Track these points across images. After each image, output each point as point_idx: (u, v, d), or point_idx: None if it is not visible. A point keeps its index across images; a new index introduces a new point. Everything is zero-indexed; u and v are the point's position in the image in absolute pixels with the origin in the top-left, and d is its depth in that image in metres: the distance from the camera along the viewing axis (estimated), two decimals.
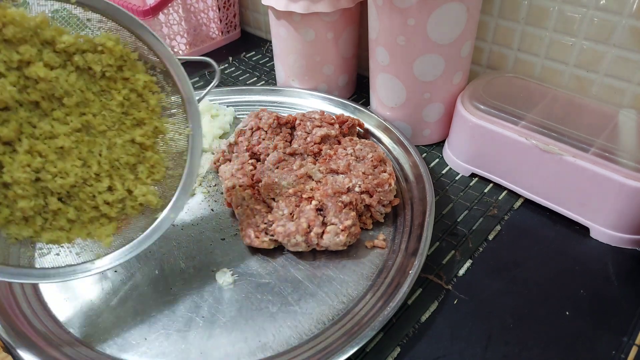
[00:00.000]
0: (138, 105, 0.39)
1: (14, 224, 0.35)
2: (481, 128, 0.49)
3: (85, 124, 0.37)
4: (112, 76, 0.37)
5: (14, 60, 0.33)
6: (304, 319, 0.39)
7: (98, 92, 0.37)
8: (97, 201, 0.38)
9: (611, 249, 0.44)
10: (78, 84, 0.36)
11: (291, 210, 0.44)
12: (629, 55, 0.49)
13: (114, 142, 0.38)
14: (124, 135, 0.38)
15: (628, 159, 0.42)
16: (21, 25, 0.33)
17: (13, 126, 0.34)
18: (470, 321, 0.39)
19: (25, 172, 0.34)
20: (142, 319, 0.40)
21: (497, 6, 0.55)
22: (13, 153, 0.34)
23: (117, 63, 0.37)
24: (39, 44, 0.34)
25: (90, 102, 0.37)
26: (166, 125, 0.40)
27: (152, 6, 0.69)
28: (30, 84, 0.34)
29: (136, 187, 0.39)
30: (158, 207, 0.41)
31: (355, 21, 0.62)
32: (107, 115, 0.38)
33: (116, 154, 0.38)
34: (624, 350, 0.36)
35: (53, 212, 0.37)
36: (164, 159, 0.41)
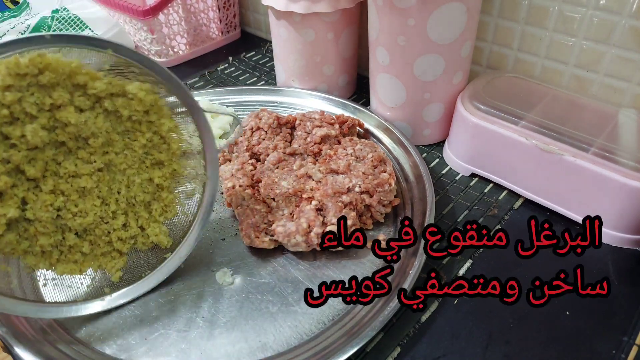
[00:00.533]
0: (159, 147, 0.39)
1: (31, 255, 0.37)
2: (481, 128, 0.49)
3: (107, 163, 0.38)
4: (138, 119, 0.38)
5: (47, 104, 0.33)
6: (304, 319, 0.39)
7: (122, 133, 0.38)
8: (111, 237, 0.39)
9: (611, 249, 0.44)
10: (105, 125, 0.36)
11: (291, 210, 0.44)
12: (629, 55, 0.49)
13: (133, 180, 0.39)
14: (142, 175, 0.39)
15: (628, 159, 0.42)
16: (56, 71, 0.33)
17: (40, 165, 0.34)
18: (470, 321, 0.39)
19: (48, 212, 0.35)
20: (142, 319, 0.40)
21: (497, 6, 0.55)
22: (37, 190, 0.35)
23: (144, 109, 0.37)
24: (70, 87, 0.34)
25: (114, 142, 0.37)
26: (183, 169, 0.41)
27: (152, 6, 0.69)
28: (59, 125, 0.35)
29: (149, 226, 0.41)
30: (167, 246, 0.42)
31: (355, 21, 0.62)
32: (129, 154, 0.38)
33: (133, 192, 0.39)
34: (624, 350, 0.36)
35: (69, 247, 0.38)
36: (178, 198, 0.42)
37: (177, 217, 0.42)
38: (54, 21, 0.68)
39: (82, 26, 0.69)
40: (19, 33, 0.65)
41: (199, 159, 0.41)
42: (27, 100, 0.33)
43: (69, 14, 0.69)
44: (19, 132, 0.33)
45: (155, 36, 0.73)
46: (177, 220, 0.43)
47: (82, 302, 0.39)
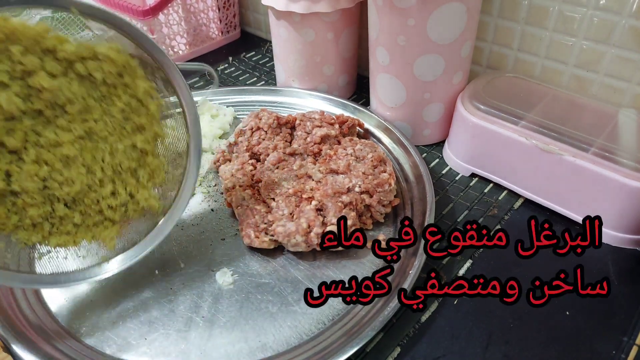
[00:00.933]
0: (138, 110, 0.39)
1: (22, 230, 0.36)
2: (481, 128, 0.49)
3: (87, 131, 0.37)
4: (112, 82, 0.37)
5: (18, 71, 0.33)
6: (304, 319, 0.39)
7: (99, 99, 0.37)
8: (101, 206, 0.38)
9: (611, 249, 0.44)
10: (80, 91, 0.36)
11: (291, 210, 0.44)
12: (629, 55, 0.49)
13: (116, 147, 0.38)
14: (124, 141, 0.39)
15: (628, 159, 0.42)
16: (23, 35, 0.33)
17: (19, 136, 0.34)
18: (470, 321, 0.39)
19: (34, 182, 0.35)
20: (142, 319, 0.40)
21: (497, 6, 0.55)
22: (20, 162, 0.35)
23: (117, 70, 0.37)
24: (40, 53, 0.34)
25: (92, 109, 0.37)
26: (165, 130, 0.40)
27: (152, 6, 0.69)
28: (33, 92, 0.34)
29: (138, 191, 0.40)
30: (159, 210, 0.41)
31: (355, 21, 0.62)
32: (108, 121, 0.38)
33: (118, 159, 0.38)
34: (624, 350, 0.36)
35: (60, 218, 0.37)
36: (164, 163, 0.41)
37: (166, 179, 0.42)
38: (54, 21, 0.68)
39: (82, 26, 0.69)
40: None
41: (180, 118, 0.41)
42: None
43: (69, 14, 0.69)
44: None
45: (155, 36, 0.73)
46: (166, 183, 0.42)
47: (78, 272, 0.39)
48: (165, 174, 0.41)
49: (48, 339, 0.37)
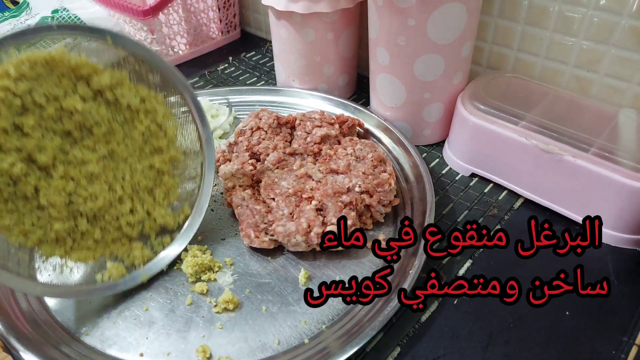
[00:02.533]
0: (157, 134, 0.42)
1: (46, 244, 0.38)
2: (481, 128, 0.49)
3: (110, 152, 0.40)
4: (136, 108, 0.40)
5: (54, 94, 0.36)
6: (304, 319, 0.39)
7: (122, 122, 0.40)
8: (120, 222, 0.41)
9: (611, 249, 0.44)
10: (106, 115, 0.39)
11: (291, 210, 0.44)
12: (629, 55, 0.49)
13: (135, 167, 0.41)
14: (143, 162, 0.41)
15: (628, 159, 0.42)
16: (62, 63, 0.36)
17: (49, 154, 0.36)
18: (471, 321, 0.39)
19: (61, 196, 0.37)
20: (142, 319, 0.40)
21: (497, 6, 0.55)
22: (48, 178, 0.37)
23: (141, 96, 0.40)
24: (74, 79, 0.37)
25: (116, 132, 0.40)
26: (181, 155, 0.44)
27: (152, 6, 0.69)
28: (65, 114, 0.37)
29: (155, 209, 0.42)
30: (174, 227, 0.44)
31: (355, 21, 0.62)
32: (129, 143, 0.40)
33: (137, 179, 0.41)
34: (624, 350, 0.36)
35: (82, 233, 0.39)
36: (179, 182, 0.44)
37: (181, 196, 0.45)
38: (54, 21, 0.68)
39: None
40: None
41: (195, 140, 0.44)
42: (37, 90, 0.35)
43: (69, 14, 0.69)
44: (31, 121, 0.35)
45: (155, 36, 0.73)
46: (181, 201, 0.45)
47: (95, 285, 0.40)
48: (179, 193, 0.44)
49: (48, 339, 0.37)
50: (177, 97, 0.42)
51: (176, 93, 0.42)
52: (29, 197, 0.36)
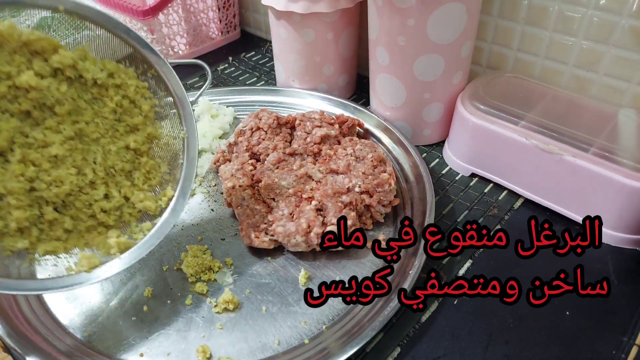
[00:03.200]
0: (131, 111, 0.39)
1: (8, 236, 0.35)
2: (481, 128, 0.49)
3: (78, 132, 0.36)
4: (103, 83, 0.37)
5: (5, 72, 0.33)
6: (304, 319, 0.39)
7: (90, 100, 0.37)
8: (93, 209, 0.37)
9: (611, 249, 0.44)
10: (69, 92, 0.36)
11: (291, 210, 0.44)
12: (629, 55, 0.49)
13: (108, 149, 0.38)
14: (118, 142, 0.38)
15: (628, 159, 0.42)
16: (12, 37, 0.33)
17: (4, 136, 0.33)
18: (471, 321, 0.39)
19: (19, 182, 0.34)
20: (142, 319, 0.40)
21: (497, 6, 0.55)
22: (6, 164, 0.34)
23: (108, 71, 0.37)
24: (28, 54, 0.34)
25: (83, 110, 0.36)
26: (160, 130, 0.40)
27: (152, 6, 0.69)
28: (21, 93, 0.34)
29: (133, 194, 0.39)
30: (156, 212, 0.40)
31: (355, 21, 0.62)
32: (100, 122, 0.37)
33: (111, 161, 0.38)
34: (624, 350, 0.36)
35: (49, 223, 0.36)
36: (160, 163, 0.40)
37: (163, 180, 0.41)
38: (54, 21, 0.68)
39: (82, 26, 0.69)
40: None
41: (175, 117, 0.40)
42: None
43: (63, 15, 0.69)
44: None
45: (155, 36, 0.73)
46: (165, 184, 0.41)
47: (68, 276, 0.37)
48: (162, 175, 0.40)
49: (48, 339, 0.37)
50: (148, 68, 0.38)
51: (145, 63, 0.38)
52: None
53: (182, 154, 0.41)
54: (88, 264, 0.37)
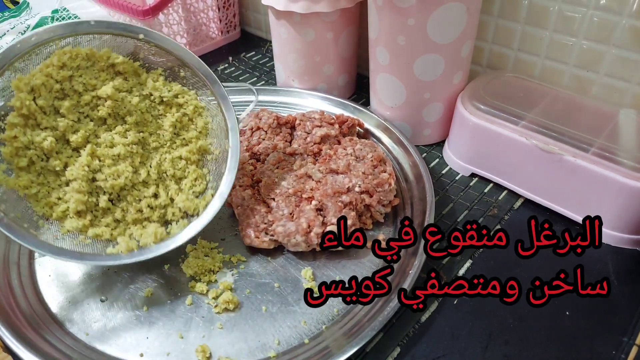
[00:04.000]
0: (187, 127, 0.45)
1: (69, 218, 0.40)
2: (481, 128, 0.49)
3: (141, 140, 0.43)
4: (168, 102, 0.44)
5: (92, 84, 0.40)
6: (304, 319, 0.39)
7: (155, 115, 0.44)
8: (142, 205, 0.42)
9: (611, 249, 0.44)
10: (139, 105, 0.43)
11: (291, 210, 0.44)
12: (629, 55, 0.49)
13: (164, 157, 0.44)
14: (173, 152, 0.44)
15: (628, 159, 0.42)
16: (102, 58, 0.41)
17: (82, 135, 0.40)
18: (470, 321, 0.39)
19: (84, 171, 0.40)
20: (142, 319, 0.40)
21: (497, 6, 0.55)
22: (78, 157, 0.40)
23: (175, 93, 0.44)
24: (113, 73, 0.42)
25: (148, 123, 0.43)
26: (210, 145, 0.45)
27: (152, 6, 0.69)
28: (101, 102, 0.41)
29: (178, 196, 0.43)
30: (194, 213, 0.44)
31: (355, 21, 0.62)
32: (161, 134, 0.44)
33: (164, 167, 0.43)
34: (624, 350, 0.36)
35: (102, 210, 0.41)
36: (207, 174, 0.45)
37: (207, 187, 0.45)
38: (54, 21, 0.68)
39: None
40: (18, 33, 0.65)
41: (222, 131, 0.45)
42: (76, 79, 0.40)
43: (69, 14, 0.69)
44: (68, 104, 0.39)
45: None
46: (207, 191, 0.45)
47: (113, 255, 0.40)
48: (207, 183, 0.45)
49: (48, 339, 0.37)
50: (206, 90, 0.44)
51: (204, 85, 0.44)
52: (59, 172, 0.40)
53: (225, 164, 0.45)
54: (126, 247, 0.40)
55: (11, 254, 0.45)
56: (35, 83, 0.38)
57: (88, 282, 0.43)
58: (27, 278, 0.43)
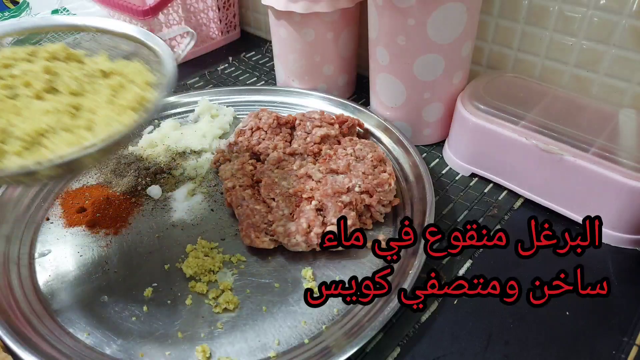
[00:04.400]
0: (127, 87, 0.41)
1: None
2: (481, 128, 0.49)
3: (75, 105, 0.38)
4: (110, 71, 0.42)
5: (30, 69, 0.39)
6: (304, 319, 0.39)
7: (95, 84, 0.41)
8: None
9: (611, 249, 0.44)
10: (77, 75, 0.40)
11: (291, 210, 0.44)
12: (629, 55, 0.49)
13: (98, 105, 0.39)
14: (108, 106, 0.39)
15: (628, 159, 0.42)
16: None
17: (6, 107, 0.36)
18: (470, 321, 0.39)
19: None
20: (142, 319, 0.40)
21: (497, 6, 0.55)
22: None
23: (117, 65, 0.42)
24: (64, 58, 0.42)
25: (86, 92, 0.40)
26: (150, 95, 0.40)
27: (152, 6, 0.69)
28: (40, 77, 0.39)
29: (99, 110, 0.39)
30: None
31: (355, 21, 0.62)
32: (97, 98, 0.39)
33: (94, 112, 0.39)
34: (624, 350, 0.36)
35: None
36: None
37: None
38: None
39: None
40: None
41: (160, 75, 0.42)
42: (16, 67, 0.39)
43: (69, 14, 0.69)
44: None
45: None
46: None
47: None
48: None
49: (48, 340, 0.37)
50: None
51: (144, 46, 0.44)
52: None
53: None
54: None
55: (11, 254, 0.45)
56: None
57: (88, 282, 0.43)
58: (27, 278, 0.43)
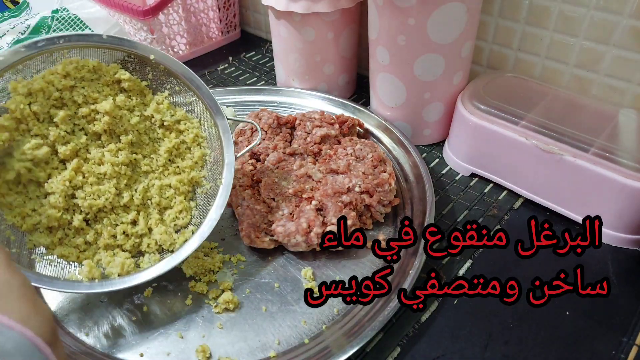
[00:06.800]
0: (184, 155, 0.43)
1: (38, 232, 0.38)
2: (481, 128, 0.49)
3: (132, 161, 0.41)
4: (169, 126, 0.43)
5: (93, 97, 0.39)
6: (304, 319, 0.39)
7: (153, 138, 0.43)
8: (117, 230, 0.40)
9: (611, 249, 0.44)
10: (138, 126, 0.42)
11: (291, 210, 0.44)
12: (629, 55, 0.49)
13: (153, 183, 0.42)
14: (163, 180, 0.42)
15: (628, 159, 0.42)
16: (108, 74, 0.41)
17: (72, 147, 0.38)
18: (470, 321, 0.39)
19: (64, 185, 0.38)
20: (142, 319, 0.40)
21: (497, 6, 0.55)
22: (63, 170, 0.39)
23: (177, 119, 0.43)
24: (117, 89, 0.41)
25: (144, 145, 0.42)
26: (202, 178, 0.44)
27: (152, 6, 0.69)
28: (99, 117, 0.40)
29: (157, 226, 0.41)
30: (169, 249, 0.41)
31: (355, 21, 0.62)
32: (154, 159, 0.42)
33: (150, 194, 0.42)
34: (624, 350, 0.36)
35: (75, 230, 0.39)
36: (193, 207, 0.43)
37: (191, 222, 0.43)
38: (54, 21, 0.68)
39: (82, 26, 0.69)
40: (18, 33, 0.65)
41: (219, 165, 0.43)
42: (77, 90, 0.39)
43: (69, 14, 0.69)
44: (63, 114, 0.38)
45: (155, 36, 0.73)
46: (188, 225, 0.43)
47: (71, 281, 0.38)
48: (190, 219, 0.43)
49: None
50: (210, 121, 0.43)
51: (208, 114, 0.43)
52: (40, 183, 0.38)
53: (213, 200, 0.43)
54: (88, 273, 0.38)
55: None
56: (34, 87, 0.37)
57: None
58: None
